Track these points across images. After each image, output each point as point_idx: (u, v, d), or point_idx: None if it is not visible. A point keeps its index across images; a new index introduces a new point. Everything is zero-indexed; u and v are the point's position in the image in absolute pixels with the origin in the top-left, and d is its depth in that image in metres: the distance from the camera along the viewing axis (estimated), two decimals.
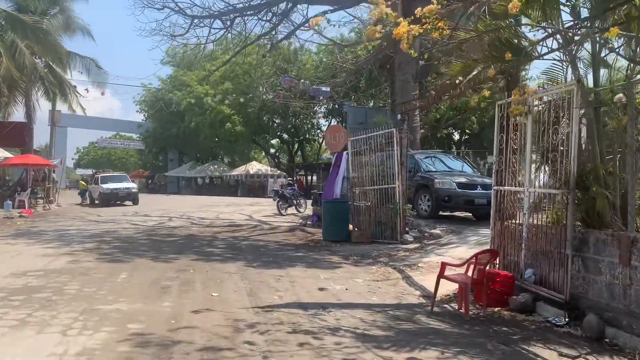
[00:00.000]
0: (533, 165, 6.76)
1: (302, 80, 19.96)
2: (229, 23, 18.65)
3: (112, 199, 26.71)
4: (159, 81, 49.70)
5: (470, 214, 13.77)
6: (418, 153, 14.45)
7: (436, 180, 12.60)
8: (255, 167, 44.47)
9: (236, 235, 13.04)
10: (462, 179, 12.81)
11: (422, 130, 18.88)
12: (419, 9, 5.79)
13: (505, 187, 7.23)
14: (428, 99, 13.26)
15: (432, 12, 5.68)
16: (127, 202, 27.87)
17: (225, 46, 34.46)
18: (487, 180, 13.45)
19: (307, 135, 44.09)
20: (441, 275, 6.15)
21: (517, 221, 7.04)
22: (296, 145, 46.45)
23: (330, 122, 43.26)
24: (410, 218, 11.95)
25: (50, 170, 26.94)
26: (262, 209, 23.13)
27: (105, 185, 26.88)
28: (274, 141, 48.53)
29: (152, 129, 50.50)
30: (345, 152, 15.72)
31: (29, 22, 18.80)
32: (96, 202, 27.76)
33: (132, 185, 28.13)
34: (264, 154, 54.48)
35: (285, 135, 45.22)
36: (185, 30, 18.98)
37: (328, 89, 22.12)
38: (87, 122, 54.37)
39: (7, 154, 26.89)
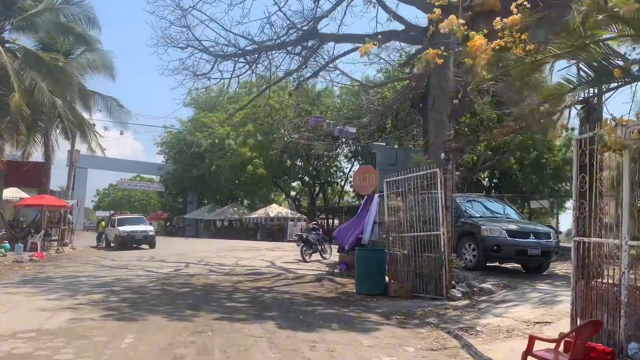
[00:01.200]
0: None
1: (328, 121, 19.05)
2: (253, 61, 17.99)
3: (128, 242, 25.71)
4: (180, 123, 49.61)
5: (519, 265, 12.36)
6: (459, 196, 13.18)
7: (483, 227, 11.28)
8: (275, 209, 43.38)
9: (259, 286, 11.77)
10: (513, 226, 11.46)
11: (457, 172, 17.67)
12: (498, 19, 4.71)
13: (592, 239, 5.94)
14: (472, 134, 12.05)
15: (515, 24, 4.58)
16: (143, 246, 26.86)
17: (249, 89, 34.14)
18: (539, 228, 12.16)
19: (329, 178, 43.11)
20: (529, 352, 4.82)
21: (610, 280, 5.72)
22: (317, 188, 45.45)
23: (353, 165, 42.39)
24: (455, 270, 10.59)
25: (66, 212, 26.17)
26: (284, 254, 21.86)
27: (121, 228, 25.94)
28: (294, 183, 47.65)
29: (173, 171, 50.11)
30: (376, 195, 14.58)
31: (46, 59, 18.30)
32: (112, 245, 26.81)
33: (149, 228, 27.15)
34: (283, 196, 53.56)
35: (306, 178, 44.33)
36: (209, 70, 18.34)
37: (354, 130, 21.16)
38: (108, 163, 54.45)
39: (24, 195, 26.26)
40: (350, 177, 44.55)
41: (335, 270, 14.75)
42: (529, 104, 6.12)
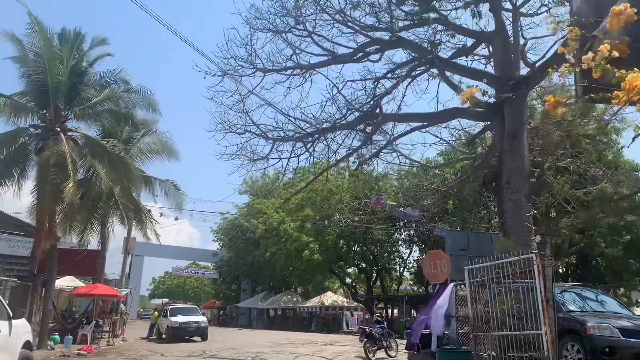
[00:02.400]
0: None
1: (389, 202, 17.90)
2: (312, 142, 17.38)
3: (180, 334, 24.50)
4: (236, 208, 49.67)
5: None
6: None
7: (589, 324, 9.41)
8: (330, 298, 41.44)
9: None
10: (626, 323, 9.53)
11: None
12: None
13: None
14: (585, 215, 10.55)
15: None
16: (195, 337, 25.56)
17: (303, 174, 33.73)
18: None
19: (387, 264, 41.16)
20: None
21: None
22: (375, 275, 43.40)
23: (412, 250, 40.42)
24: None
25: (119, 301, 25.49)
26: (343, 350, 20.00)
27: (174, 319, 24.85)
28: (350, 270, 45.82)
29: (227, 258, 49.58)
30: (451, 284, 12.97)
31: (108, 147, 18.32)
32: (164, 336, 25.66)
33: (202, 319, 25.93)
34: (338, 283, 51.61)
35: (363, 264, 42.54)
36: (267, 153, 17.82)
37: (416, 212, 19.84)
38: (163, 250, 54.62)
39: (79, 283, 25.92)
40: (410, 263, 42.46)
41: None
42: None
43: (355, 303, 42.48)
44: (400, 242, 39.79)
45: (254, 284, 53.30)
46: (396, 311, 39.20)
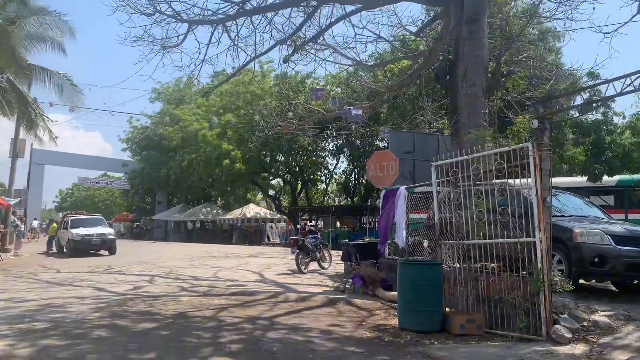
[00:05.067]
0: None
1: (332, 97, 15.51)
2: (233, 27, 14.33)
3: (83, 248, 21.67)
4: (146, 117, 45.31)
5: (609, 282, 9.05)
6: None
7: (576, 230, 7.88)
8: (252, 210, 39.60)
9: (253, 316, 8.15)
10: (618, 229, 8.08)
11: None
12: None
13: None
14: None
15: None
16: (102, 252, 22.87)
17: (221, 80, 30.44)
18: None
19: (313, 176, 39.55)
20: None
21: None
22: (299, 187, 41.83)
23: (339, 162, 38.92)
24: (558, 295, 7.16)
25: (8, 212, 22.00)
26: (270, 262, 18.26)
27: (75, 231, 21.85)
28: (274, 181, 43.89)
29: (140, 169, 45.77)
30: (402, 187, 11.16)
31: None
32: (65, 250, 22.73)
33: (109, 231, 23.08)
34: (261, 195, 49.78)
35: (287, 176, 40.68)
36: (182, 39, 14.55)
37: (360, 111, 17.66)
38: (68, 160, 49.87)
39: None
40: (336, 175, 41.10)
41: (347, 286, 11.27)
42: None
43: (279, 215, 41.01)
44: (327, 153, 38.11)
45: (170, 197, 50.22)
46: (321, 222, 38.19)
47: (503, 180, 7.33)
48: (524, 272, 6.85)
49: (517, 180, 7.06)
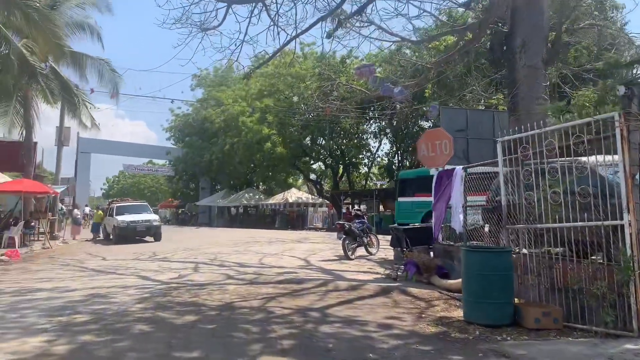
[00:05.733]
0: None
1: (372, 76, 14.72)
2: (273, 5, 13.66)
3: (129, 235, 21.74)
4: (188, 105, 45.52)
5: None
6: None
7: None
8: (294, 194, 39.24)
9: (304, 306, 7.63)
10: None
11: None
12: None
13: None
14: None
15: None
16: (148, 238, 22.94)
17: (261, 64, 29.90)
18: None
19: (354, 159, 38.77)
20: None
21: None
22: (341, 170, 41.15)
23: (381, 143, 38.00)
24: None
25: (56, 200, 22.26)
26: (315, 247, 17.77)
27: (120, 218, 21.94)
28: (315, 166, 43.35)
29: (183, 155, 46.11)
30: (459, 167, 10.37)
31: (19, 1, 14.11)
32: (111, 237, 22.91)
33: (154, 217, 23.10)
34: (301, 180, 49.38)
35: (329, 160, 40.05)
36: (221, 19, 13.99)
37: (403, 89, 16.80)
38: (113, 147, 50.68)
39: (6, 178, 22.37)
40: (379, 157, 40.23)
41: (399, 274, 10.62)
42: None
43: (321, 199, 40.54)
44: (369, 135, 37.25)
45: (214, 183, 50.50)
46: (363, 206, 37.47)
47: (578, 158, 6.51)
48: (613, 259, 6.04)
49: (600, 157, 6.22)
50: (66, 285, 9.70)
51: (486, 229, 9.48)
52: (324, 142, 37.41)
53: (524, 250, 7.14)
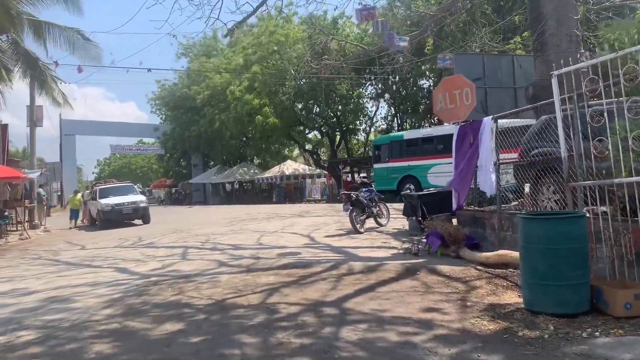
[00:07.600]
0: None
1: (374, 21, 12.87)
2: None
3: (115, 218, 20.10)
4: (174, 73, 43.33)
5: None
6: None
7: None
8: (290, 166, 37.51)
9: (314, 300, 6.04)
10: None
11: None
12: None
13: None
14: None
15: None
16: (137, 221, 21.34)
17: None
18: None
19: (352, 126, 36.97)
20: None
21: None
22: (338, 138, 39.38)
23: (378, 108, 36.12)
24: None
25: (33, 186, 20.54)
26: (319, 221, 16.18)
27: (104, 201, 20.26)
28: (310, 135, 41.55)
29: (171, 131, 44.09)
30: (487, 118, 8.71)
31: None
32: (97, 223, 21.26)
33: (140, 199, 21.40)
34: (297, 151, 47.60)
35: (324, 128, 38.23)
36: None
37: (406, 40, 14.94)
38: (99, 128, 48.71)
39: None
40: (377, 121, 38.44)
41: (420, 247, 9.03)
42: None
43: (319, 170, 38.87)
44: (366, 100, 35.40)
45: (206, 159, 48.62)
46: (364, 174, 35.87)
47: None
48: None
49: None
50: (26, 287, 8.08)
51: (526, 189, 7.89)
52: (318, 109, 35.51)
53: (600, 209, 5.51)
